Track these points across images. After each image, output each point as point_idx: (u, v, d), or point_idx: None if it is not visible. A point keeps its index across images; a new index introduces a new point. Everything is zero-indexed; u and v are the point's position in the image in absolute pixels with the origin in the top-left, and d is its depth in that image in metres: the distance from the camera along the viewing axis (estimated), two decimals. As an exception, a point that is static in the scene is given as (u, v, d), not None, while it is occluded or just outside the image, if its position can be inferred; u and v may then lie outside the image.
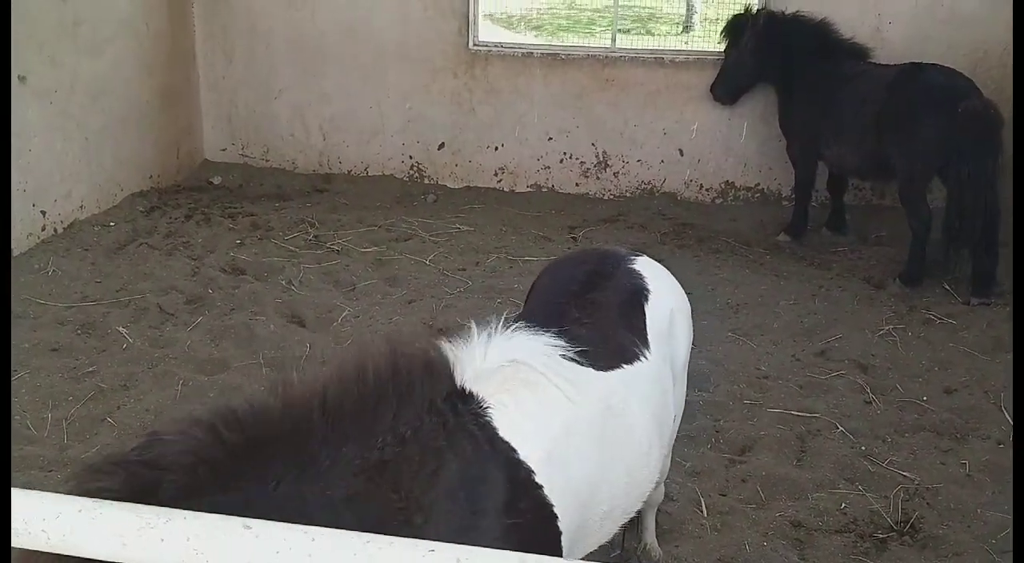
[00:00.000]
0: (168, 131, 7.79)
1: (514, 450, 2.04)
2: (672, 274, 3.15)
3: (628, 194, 8.01)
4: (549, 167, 8.05)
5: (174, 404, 4.59)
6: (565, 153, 8.01)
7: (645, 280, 2.90)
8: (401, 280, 6.14)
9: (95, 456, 4.16)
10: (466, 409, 2.01)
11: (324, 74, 8.03)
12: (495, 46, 7.95)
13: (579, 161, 8.02)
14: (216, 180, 8.01)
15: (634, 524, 3.54)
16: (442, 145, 8.10)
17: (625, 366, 2.58)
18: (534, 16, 18.41)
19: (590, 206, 7.81)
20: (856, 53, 6.84)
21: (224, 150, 8.36)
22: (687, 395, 4.74)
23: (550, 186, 8.08)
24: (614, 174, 8.01)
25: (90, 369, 4.86)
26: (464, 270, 6.34)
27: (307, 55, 8.01)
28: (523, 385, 2.19)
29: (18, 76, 6.00)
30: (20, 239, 6.14)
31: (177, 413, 4.49)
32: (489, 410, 2.05)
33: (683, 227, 7.40)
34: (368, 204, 7.60)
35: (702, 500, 4.02)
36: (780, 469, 4.27)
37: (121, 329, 5.25)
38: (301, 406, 1.76)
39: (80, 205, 6.73)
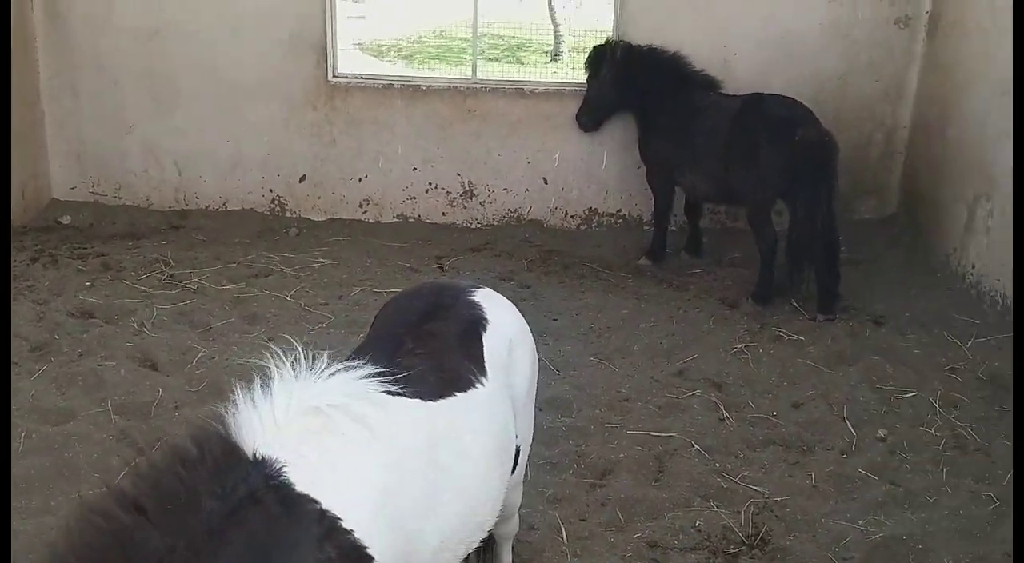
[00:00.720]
0: (12, 171, 7.40)
1: (314, 501, 2.02)
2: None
3: (495, 222, 8.09)
4: (415, 197, 8.05)
5: (17, 458, 4.34)
6: (430, 183, 8.03)
7: (484, 311, 2.94)
8: (260, 318, 6.00)
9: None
10: (257, 476, 1.97)
11: (178, 109, 7.82)
12: (355, 78, 7.92)
13: (445, 191, 8.05)
14: (65, 220, 7.66)
15: (490, 556, 3.55)
16: (303, 178, 7.99)
17: (458, 394, 2.60)
18: (404, 45, 18.46)
19: (457, 235, 7.85)
20: (707, 84, 7.13)
21: (74, 188, 8.01)
22: (550, 422, 4.83)
23: (416, 216, 8.08)
24: (480, 203, 8.08)
25: (-82, 428, 4.54)
26: (327, 305, 6.25)
27: (160, 91, 7.78)
28: (326, 431, 2.16)
29: None
30: None
31: (19, 468, 4.26)
32: (284, 469, 2.01)
33: (549, 254, 7.52)
34: (227, 240, 7.41)
35: (562, 527, 4.06)
36: (639, 491, 4.37)
37: (-44, 382, 4.94)
38: None
39: (-89, 250, 6.32)
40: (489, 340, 2.85)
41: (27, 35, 7.57)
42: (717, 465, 4.59)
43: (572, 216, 8.11)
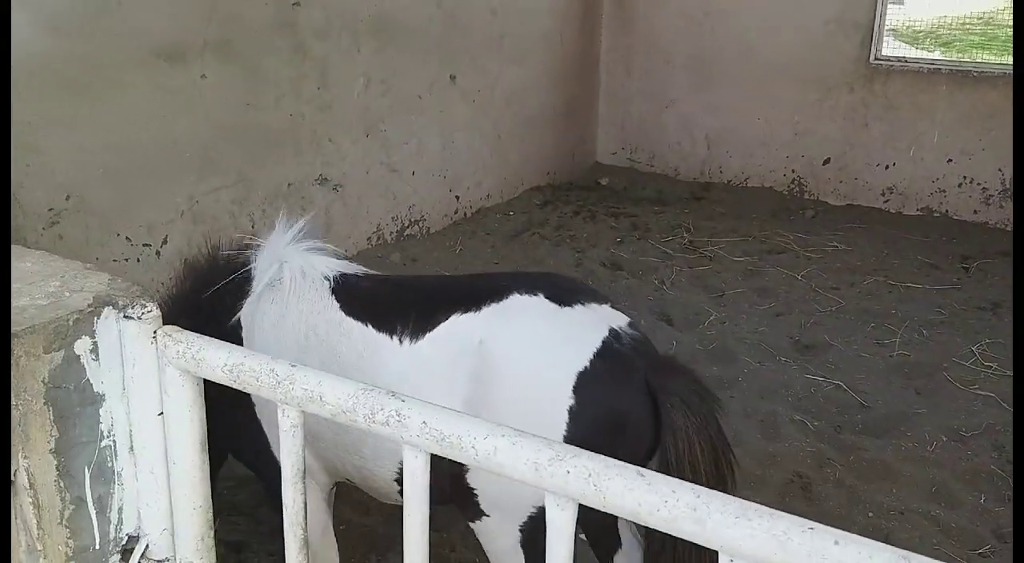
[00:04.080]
0: (567, 134, 8.48)
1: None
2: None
3: (1036, 227, 7.26)
4: (944, 191, 7.56)
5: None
6: (965, 177, 7.46)
7: (499, 301, 2.48)
8: (770, 292, 6.15)
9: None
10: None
11: (715, 87, 8.23)
12: (898, 61, 7.62)
13: (980, 187, 7.43)
14: (604, 181, 8.56)
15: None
16: (828, 160, 7.93)
17: (368, 325, 2.60)
18: (943, 32, 17.04)
19: (988, 236, 7.21)
20: None
21: (614, 154, 8.90)
22: None
23: (943, 211, 7.57)
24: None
25: (483, 338, 5.49)
26: (838, 289, 6.20)
27: (701, 69, 8.27)
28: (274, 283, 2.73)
29: (450, 76, 6.92)
30: (437, 219, 7.09)
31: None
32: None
33: (1102, 269, 6.57)
34: (744, 214, 7.67)
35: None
36: None
37: (511, 307, 5.85)
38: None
39: (487, 194, 7.60)
40: (452, 325, 2.48)
41: (595, 12, 8.52)
42: None
43: None
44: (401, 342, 2.52)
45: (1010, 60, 9.87)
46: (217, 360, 1.75)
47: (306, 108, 5.71)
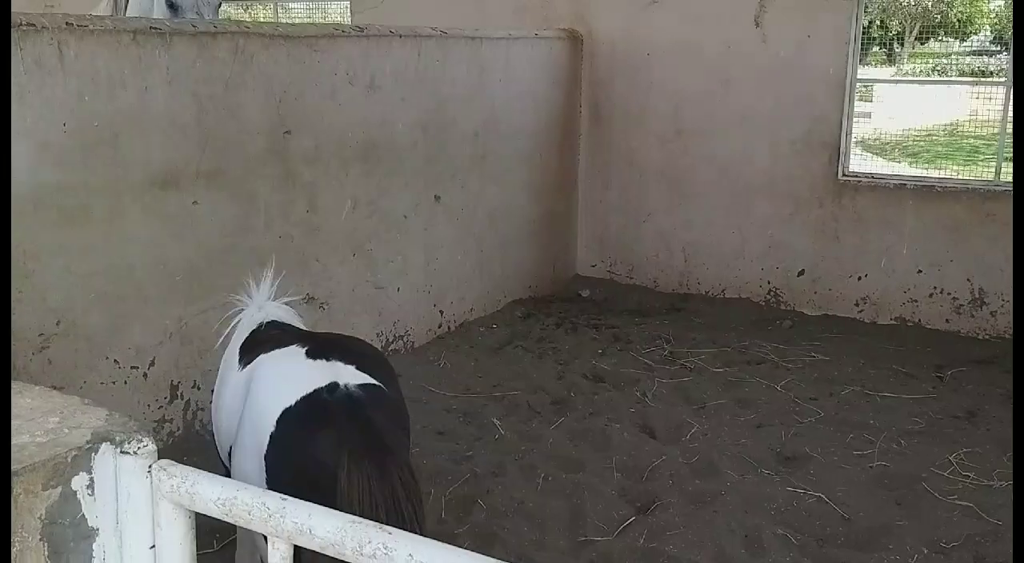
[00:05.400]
0: (548, 248, 8.70)
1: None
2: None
3: (1007, 335, 7.45)
4: (916, 300, 7.76)
5: (536, 496, 5.04)
6: (935, 287, 7.68)
7: (279, 349, 3.36)
8: (751, 403, 6.23)
9: (466, 533, 4.72)
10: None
11: (690, 202, 8.51)
12: (866, 177, 7.94)
13: (951, 296, 7.64)
14: (585, 293, 8.74)
15: None
16: (802, 272, 8.15)
17: (238, 352, 3.59)
18: (910, 143, 17.66)
19: (961, 345, 7.37)
20: None
21: (594, 266, 9.11)
22: None
23: (916, 320, 7.76)
24: (991, 313, 7.51)
25: (468, 453, 5.51)
26: (816, 400, 6.29)
27: (676, 185, 8.56)
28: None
29: (434, 196, 7.16)
30: (421, 333, 7.19)
31: (538, 505, 4.94)
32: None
33: (1073, 376, 6.71)
34: (722, 325, 7.83)
35: None
36: None
37: (495, 421, 5.91)
38: None
39: (470, 308, 7.74)
40: (256, 362, 3.36)
41: (573, 131, 8.86)
42: None
43: (1107, 337, 7.16)
44: (239, 368, 3.44)
45: (971, 175, 10.28)
46: (210, 494, 1.82)
47: (295, 230, 5.88)
